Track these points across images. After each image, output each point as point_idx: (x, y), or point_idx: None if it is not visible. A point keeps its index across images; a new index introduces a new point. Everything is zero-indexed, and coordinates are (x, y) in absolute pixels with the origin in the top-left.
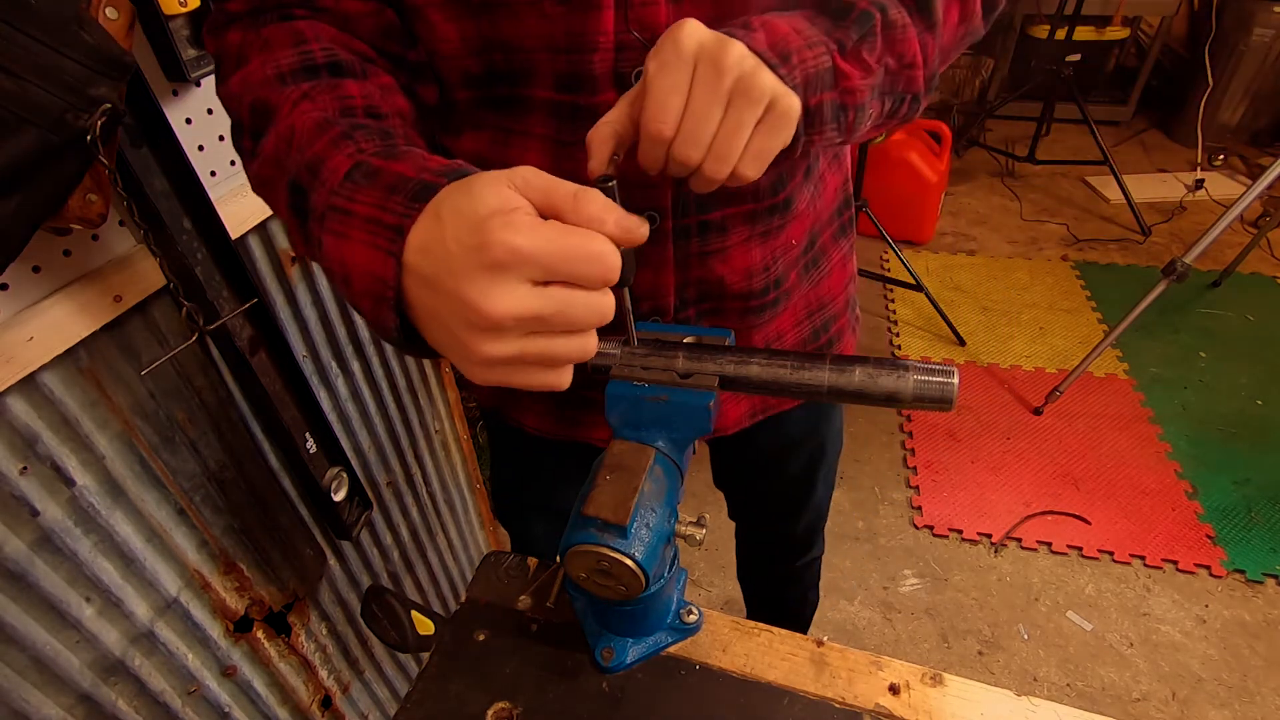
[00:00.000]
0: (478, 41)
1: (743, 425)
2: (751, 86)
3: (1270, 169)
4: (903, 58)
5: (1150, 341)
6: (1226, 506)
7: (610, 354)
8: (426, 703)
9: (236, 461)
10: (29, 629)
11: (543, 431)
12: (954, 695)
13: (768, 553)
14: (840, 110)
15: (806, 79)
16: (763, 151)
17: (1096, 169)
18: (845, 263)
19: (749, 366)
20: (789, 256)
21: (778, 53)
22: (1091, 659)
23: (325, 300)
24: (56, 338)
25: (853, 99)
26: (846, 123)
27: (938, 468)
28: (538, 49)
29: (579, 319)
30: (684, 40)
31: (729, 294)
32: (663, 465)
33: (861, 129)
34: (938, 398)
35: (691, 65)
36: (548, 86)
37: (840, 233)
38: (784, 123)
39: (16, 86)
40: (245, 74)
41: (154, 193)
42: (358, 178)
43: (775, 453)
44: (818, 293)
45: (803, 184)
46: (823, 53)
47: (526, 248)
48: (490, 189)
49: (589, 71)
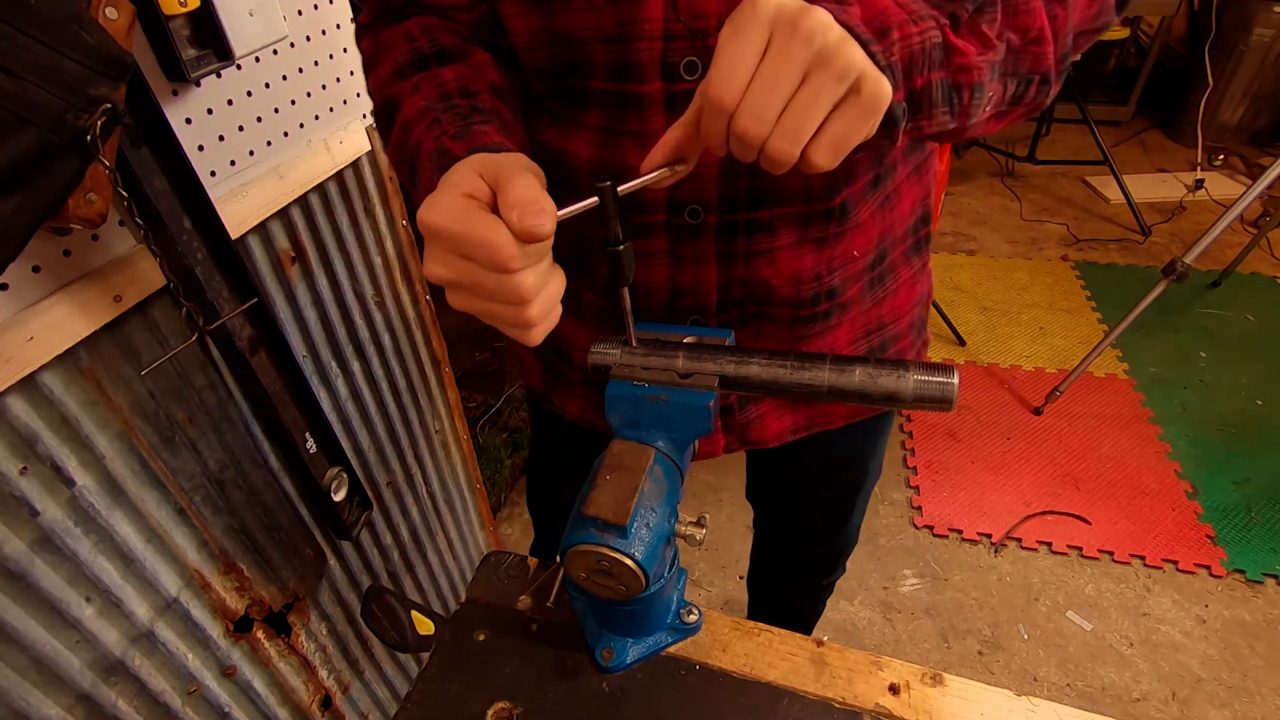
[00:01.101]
0: (543, 35)
1: (785, 440)
2: (833, 59)
3: (1270, 169)
4: (1027, 32)
5: (1150, 341)
6: (1226, 506)
7: (610, 354)
8: (426, 703)
9: (236, 461)
10: (29, 629)
11: (583, 420)
12: (954, 695)
13: (791, 570)
14: (953, 91)
15: (909, 57)
16: (840, 138)
17: (1096, 169)
18: (915, 282)
19: (749, 366)
20: (851, 269)
21: (874, 28)
22: (1091, 659)
23: (325, 300)
24: (56, 338)
25: (968, 77)
26: (961, 105)
27: (938, 468)
28: (592, 40)
29: (489, 291)
30: (761, 3)
31: (775, 299)
32: (663, 465)
33: (980, 113)
34: (938, 398)
35: (767, 30)
36: (601, 77)
37: (914, 250)
38: (870, 106)
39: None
40: (376, 75)
41: (154, 192)
42: (435, 158)
43: (819, 472)
44: (880, 311)
45: (865, 193)
46: (931, 27)
47: (432, 224)
48: (459, 171)
49: (636, 60)
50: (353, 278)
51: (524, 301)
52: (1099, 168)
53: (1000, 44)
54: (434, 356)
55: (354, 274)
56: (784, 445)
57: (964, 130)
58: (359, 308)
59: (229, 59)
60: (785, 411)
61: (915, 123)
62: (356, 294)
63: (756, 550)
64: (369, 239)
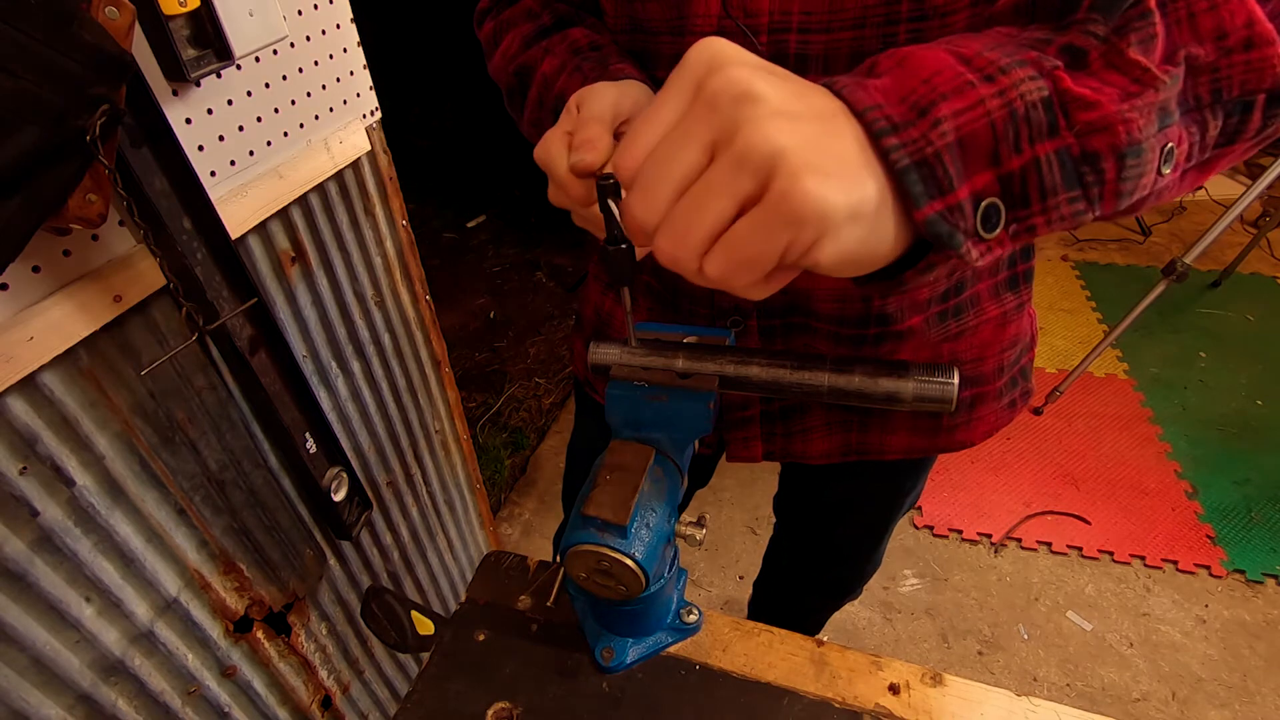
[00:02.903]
0: (627, 20)
1: (832, 460)
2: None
3: (1270, 169)
4: (1224, 36)
5: (1150, 341)
6: (1226, 506)
7: (610, 354)
8: (426, 703)
9: (236, 461)
10: (29, 629)
11: None
12: (954, 695)
13: (812, 589)
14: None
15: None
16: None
17: None
18: (1007, 321)
19: (749, 366)
20: (912, 296)
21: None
22: (1091, 659)
23: (325, 300)
24: (56, 338)
25: (1111, 139)
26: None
27: (937, 468)
28: (661, 31)
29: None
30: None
31: (816, 312)
32: (663, 465)
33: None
34: (938, 398)
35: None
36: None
37: (1008, 285)
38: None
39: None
40: (504, 50)
41: (154, 193)
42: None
43: (861, 497)
44: (954, 347)
45: None
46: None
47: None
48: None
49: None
50: (353, 278)
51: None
52: None
53: (1172, 70)
54: (434, 356)
55: (354, 274)
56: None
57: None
58: (359, 308)
59: (229, 59)
60: (837, 431)
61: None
62: (356, 294)
63: (773, 561)
64: (369, 239)
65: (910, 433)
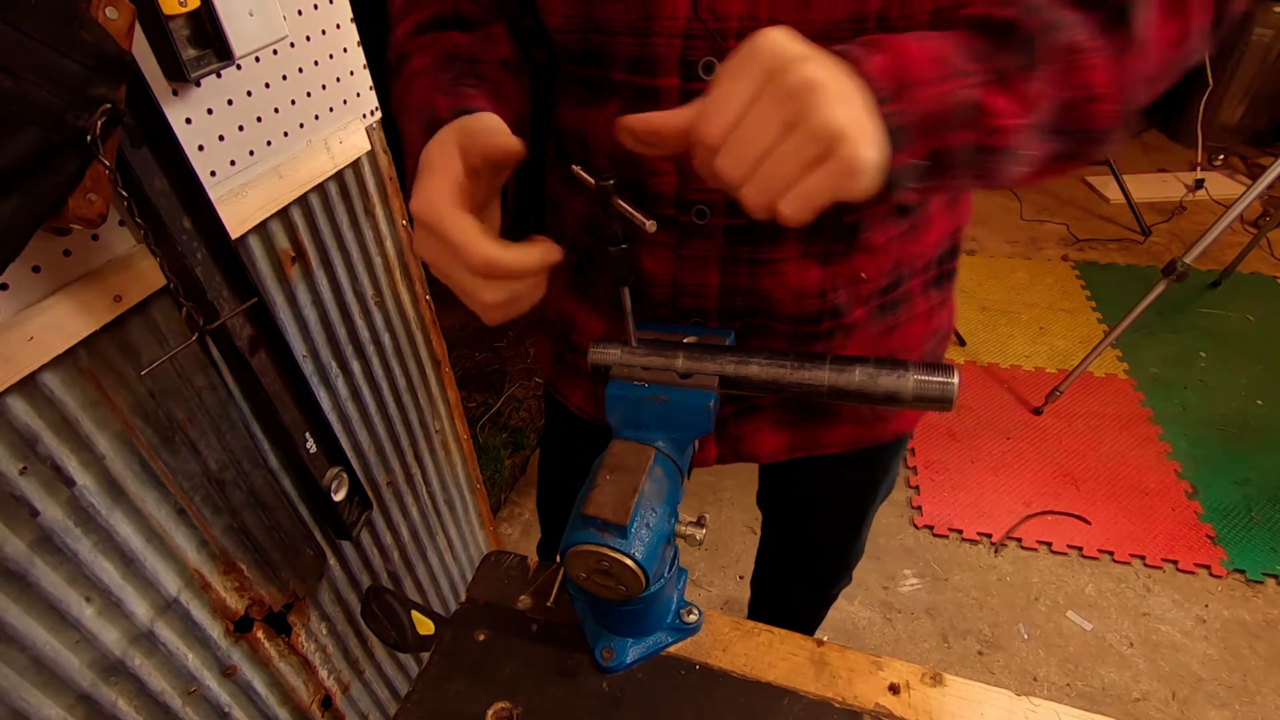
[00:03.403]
0: (577, 20)
1: (778, 459)
2: (811, 118)
3: (1270, 169)
4: (1085, 89)
5: (1150, 341)
6: (1226, 506)
7: (610, 354)
8: (426, 703)
9: (236, 461)
10: (29, 629)
11: (584, 412)
12: (954, 695)
13: (799, 579)
14: (979, 154)
15: (928, 116)
16: (808, 195)
17: (1096, 169)
18: (932, 316)
19: (749, 366)
20: (856, 290)
21: (895, 81)
22: (1091, 659)
23: (325, 300)
24: (56, 338)
25: (1000, 140)
26: (986, 168)
27: (938, 468)
28: (619, 31)
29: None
30: (760, 48)
31: (777, 313)
32: (663, 465)
33: (1010, 174)
34: (938, 397)
35: (760, 76)
36: (623, 69)
37: (934, 283)
38: (845, 173)
39: (16, 86)
40: (401, 28)
41: (154, 193)
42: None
43: (829, 490)
44: (889, 341)
45: (884, 218)
46: (968, 84)
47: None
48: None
49: (655, 54)
50: (353, 278)
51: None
52: (1099, 167)
53: (1046, 104)
54: (434, 356)
55: (354, 274)
56: (795, 460)
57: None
58: (359, 308)
59: (229, 59)
60: (780, 430)
61: (934, 181)
62: (356, 294)
63: (762, 556)
64: (369, 239)
65: (851, 424)
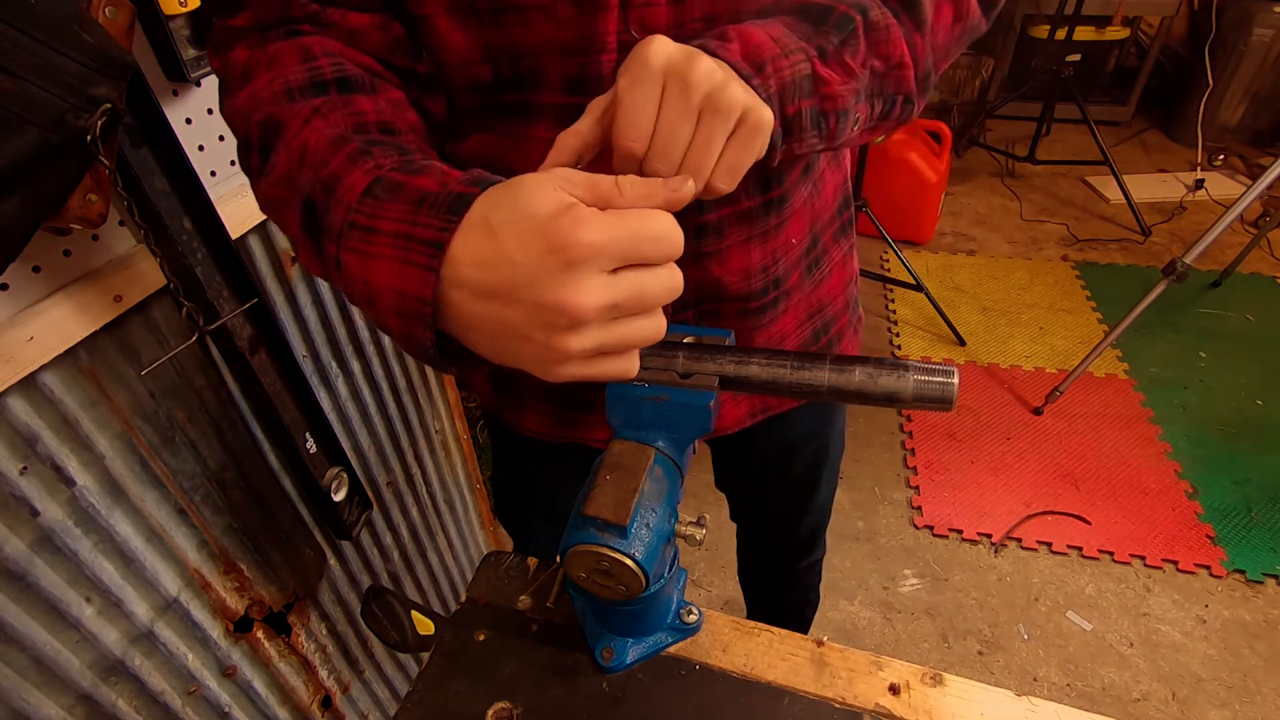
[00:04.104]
0: (484, 50)
1: (743, 425)
2: (720, 100)
3: (1270, 169)
4: (889, 59)
5: (1150, 341)
6: (1226, 506)
7: None
8: (426, 703)
9: (236, 461)
10: (29, 629)
11: (542, 434)
12: (954, 695)
13: (770, 555)
14: (820, 117)
15: (782, 87)
16: (735, 165)
17: (1096, 169)
18: (845, 263)
19: (749, 366)
20: (790, 257)
21: (752, 63)
22: (1091, 659)
23: (325, 300)
24: (56, 338)
25: (833, 104)
26: (828, 129)
27: (938, 468)
28: (547, 53)
29: (654, 296)
30: (652, 56)
31: (726, 296)
32: (663, 465)
33: (846, 134)
34: (938, 398)
35: (660, 81)
36: (556, 90)
37: (840, 232)
38: (755, 135)
39: (16, 86)
40: (252, 90)
41: (154, 193)
42: (379, 193)
43: (778, 454)
44: (819, 294)
45: (800, 181)
46: (801, 60)
47: (601, 240)
48: (541, 192)
49: (597, 73)
50: None
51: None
52: (1099, 168)
53: (864, 72)
54: None
55: None
56: (742, 431)
57: (834, 147)
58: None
59: None
60: (741, 398)
61: (788, 145)
62: None
63: (739, 543)
64: None
65: None
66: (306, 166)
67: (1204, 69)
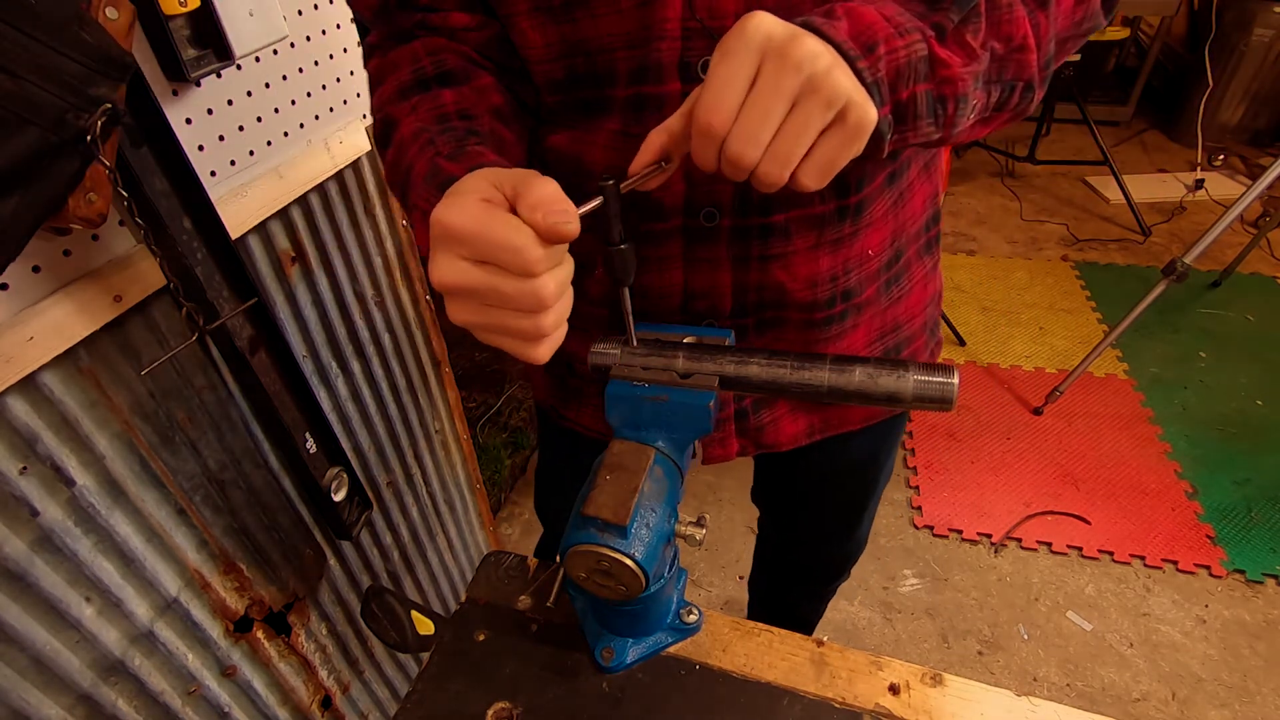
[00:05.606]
0: (561, 46)
1: (799, 443)
2: (822, 86)
3: (1270, 169)
4: (1011, 40)
5: (1150, 341)
6: (1226, 506)
7: (610, 354)
8: (426, 703)
9: (236, 461)
10: (29, 629)
11: (594, 431)
12: (954, 695)
13: (799, 575)
14: (938, 103)
15: (895, 70)
16: (827, 161)
17: (1096, 169)
18: (929, 280)
19: (749, 366)
20: (866, 269)
21: (861, 44)
22: (1091, 659)
23: (325, 300)
24: (56, 338)
25: (952, 89)
26: (945, 116)
27: (938, 468)
28: (616, 47)
29: (509, 298)
30: (751, 30)
31: (790, 303)
32: (663, 465)
33: (963, 122)
34: (938, 398)
35: (757, 58)
36: (623, 84)
37: (926, 248)
38: (855, 134)
39: (16, 86)
40: (380, 94)
41: (154, 193)
42: (429, 179)
43: (833, 474)
44: (895, 312)
45: (883, 189)
46: (917, 40)
47: (450, 224)
48: (472, 179)
49: (656, 61)
50: (353, 278)
51: (542, 309)
52: (1099, 168)
53: (984, 54)
54: (434, 356)
55: (354, 274)
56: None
57: (949, 139)
58: (359, 308)
59: (229, 59)
60: (800, 414)
61: (901, 134)
62: (356, 294)
63: (760, 553)
64: (369, 239)
65: None
66: (403, 158)
67: (1204, 69)
